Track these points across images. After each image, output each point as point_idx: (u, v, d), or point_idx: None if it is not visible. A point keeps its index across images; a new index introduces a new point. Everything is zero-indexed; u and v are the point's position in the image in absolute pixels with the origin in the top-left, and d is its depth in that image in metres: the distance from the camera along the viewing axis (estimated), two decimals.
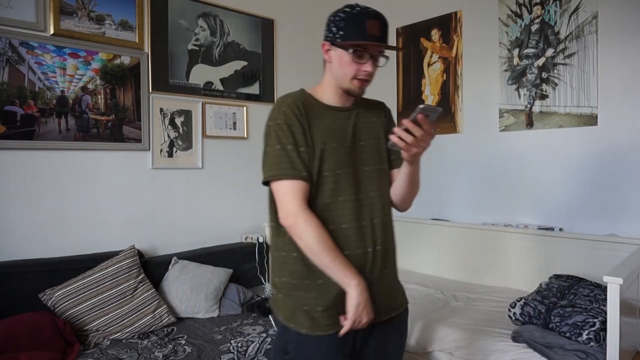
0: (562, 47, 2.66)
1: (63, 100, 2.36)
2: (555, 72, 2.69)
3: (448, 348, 2.10)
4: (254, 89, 3.21)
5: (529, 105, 2.80)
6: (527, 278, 2.67)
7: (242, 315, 2.45)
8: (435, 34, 3.25)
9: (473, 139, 3.07)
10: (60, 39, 2.33)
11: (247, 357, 2.01)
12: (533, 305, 2.04)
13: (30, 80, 2.25)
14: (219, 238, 2.98)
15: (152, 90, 2.68)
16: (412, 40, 3.37)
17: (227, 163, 3.06)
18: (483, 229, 2.92)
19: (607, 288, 1.61)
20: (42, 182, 2.30)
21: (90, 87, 2.45)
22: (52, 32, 2.29)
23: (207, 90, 2.95)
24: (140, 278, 2.32)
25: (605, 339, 1.67)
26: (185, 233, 2.85)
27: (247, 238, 3.06)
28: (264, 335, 2.15)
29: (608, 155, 2.51)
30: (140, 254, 2.48)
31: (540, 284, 2.30)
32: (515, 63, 2.86)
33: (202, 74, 2.93)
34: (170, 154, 2.78)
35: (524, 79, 2.82)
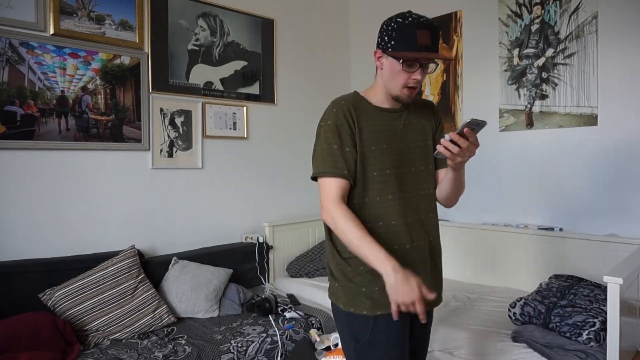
0: (562, 47, 2.66)
1: (63, 100, 2.36)
2: (555, 72, 2.69)
3: (448, 348, 2.10)
4: (254, 89, 3.21)
5: (529, 105, 2.80)
6: (527, 278, 2.67)
7: (242, 315, 2.45)
8: None
9: None
10: (60, 39, 2.33)
11: (247, 357, 2.01)
12: (533, 305, 2.04)
13: (30, 80, 2.25)
14: (219, 238, 2.98)
15: (152, 90, 2.68)
16: None
17: (227, 163, 3.06)
18: (483, 229, 2.92)
19: (607, 288, 1.61)
20: (42, 182, 2.30)
21: (90, 87, 2.45)
22: (52, 32, 2.29)
23: (207, 90, 2.95)
24: (140, 278, 2.32)
25: (605, 339, 1.67)
26: (185, 233, 2.85)
27: (247, 238, 3.06)
28: (264, 335, 2.15)
29: (608, 155, 2.51)
30: (140, 254, 2.48)
31: (540, 284, 2.30)
32: (515, 63, 2.86)
33: (202, 74, 2.93)
34: (170, 154, 2.78)
35: (524, 79, 2.82)
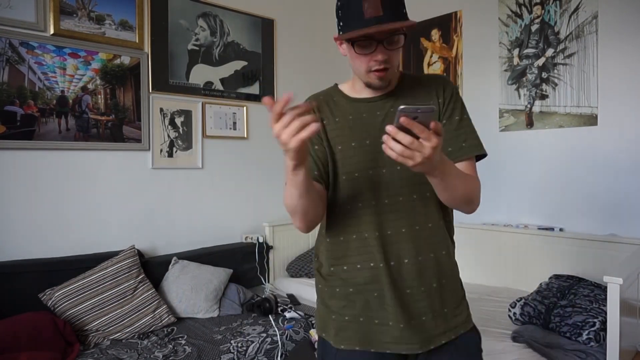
0: (562, 47, 2.66)
1: (63, 100, 2.36)
2: (555, 72, 2.69)
3: None
4: (254, 89, 3.21)
5: (529, 105, 2.80)
6: (527, 278, 2.67)
7: (242, 315, 2.45)
8: (435, 34, 3.25)
9: None
10: (60, 39, 2.33)
11: (247, 357, 2.01)
12: (533, 305, 2.04)
13: (30, 80, 2.25)
14: (219, 238, 2.98)
15: (152, 90, 2.68)
16: (412, 40, 3.37)
17: (227, 163, 3.06)
18: (483, 229, 2.92)
19: (607, 288, 1.61)
20: (42, 182, 2.30)
21: (90, 87, 2.45)
22: (52, 32, 2.29)
23: (207, 90, 2.95)
24: (140, 278, 2.32)
25: (605, 339, 1.67)
26: (185, 233, 2.85)
27: (247, 238, 3.06)
28: (264, 335, 2.15)
29: (608, 155, 2.51)
30: (140, 254, 2.48)
31: (540, 284, 2.30)
32: (515, 63, 2.86)
33: (202, 74, 2.93)
34: (170, 154, 2.78)
35: (524, 79, 2.82)
